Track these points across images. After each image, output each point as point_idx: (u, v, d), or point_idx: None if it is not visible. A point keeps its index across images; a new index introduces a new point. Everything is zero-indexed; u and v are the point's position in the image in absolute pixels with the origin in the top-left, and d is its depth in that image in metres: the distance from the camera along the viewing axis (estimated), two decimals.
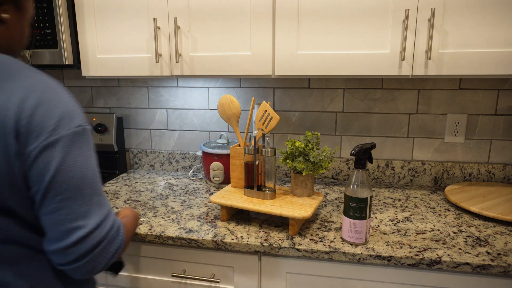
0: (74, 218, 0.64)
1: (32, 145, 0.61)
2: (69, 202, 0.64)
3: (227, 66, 1.25)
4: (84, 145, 0.66)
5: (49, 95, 0.64)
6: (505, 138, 1.43)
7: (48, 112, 0.62)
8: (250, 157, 1.15)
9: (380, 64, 1.14)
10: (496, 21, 1.06)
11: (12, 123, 0.60)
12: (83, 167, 0.65)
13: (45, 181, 0.62)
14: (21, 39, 0.73)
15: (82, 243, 0.64)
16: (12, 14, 0.70)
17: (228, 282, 1.10)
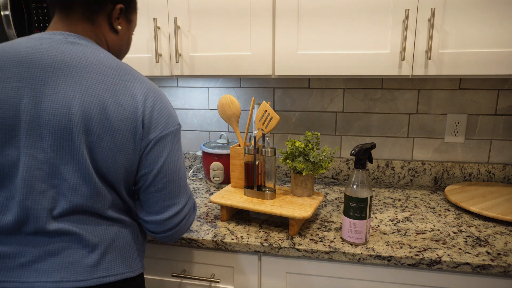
0: (171, 197, 0.82)
1: (152, 135, 0.77)
2: (170, 184, 0.81)
3: (227, 66, 1.25)
4: (180, 140, 0.84)
5: (160, 96, 0.80)
6: (505, 138, 1.43)
7: (161, 110, 0.79)
8: (250, 157, 1.15)
9: (380, 64, 1.14)
10: (496, 21, 1.06)
11: (140, 113, 0.75)
12: (180, 157, 0.83)
13: (158, 165, 0.79)
14: (127, 45, 0.91)
15: (175, 217, 0.83)
16: (124, 25, 0.86)
17: (228, 282, 1.10)
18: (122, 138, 0.74)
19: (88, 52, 0.75)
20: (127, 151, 0.75)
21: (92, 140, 0.72)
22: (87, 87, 0.71)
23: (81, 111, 0.70)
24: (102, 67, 0.74)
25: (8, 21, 1.25)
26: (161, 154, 0.78)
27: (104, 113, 0.72)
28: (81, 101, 0.71)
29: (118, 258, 0.79)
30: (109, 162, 0.74)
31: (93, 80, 0.72)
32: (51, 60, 0.72)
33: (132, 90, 0.75)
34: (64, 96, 0.70)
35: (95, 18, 0.79)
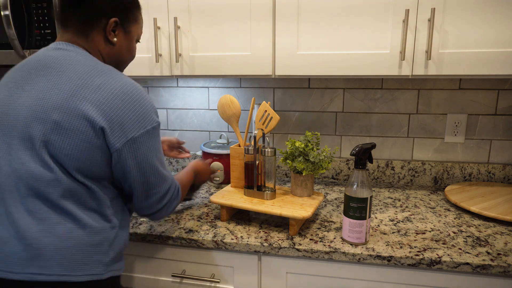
0: (151, 188, 0.87)
1: (116, 142, 0.79)
2: (148, 180, 0.86)
3: (227, 66, 1.25)
4: (153, 138, 0.84)
5: (132, 96, 0.82)
6: (505, 138, 1.43)
7: (129, 112, 0.80)
8: (250, 157, 1.15)
9: (380, 64, 1.14)
10: (496, 21, 1.06)
11: (100, 116, 0.78)
12: (157, 152, 0.86)
13: (130, 172, 0.83)
14: (129, 54, 0.94)
15: (158, 202, 0.90)
16: (121, 37, 0.90)
17: (228, 282, 1.10)
18: (81, 139, 0.76)
19: (69, 55, 0.82)
20: (91, 146, 0.77)
21: (51, 134, 0.75)
22: (55, 84, 0.77)
23: (47, 105, 0.76)
24: (76, 66, 0.79)
25: (8, 21, 1.25)
26: (129, 163, 0.81)
27: (65, 109, 0.75)
28: (48, 96, 0.76)
29: (58, 258, 0.75)
30: (69, 153, 0.76)
31: (63, 77, 0.78)
32: (35, 63, 0.81)
33: (97, 88, 0.78)
34: (36, 92, 0.78)
35: (89, 33, 0.85)
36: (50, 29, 1.29)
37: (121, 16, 0.88)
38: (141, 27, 0.97)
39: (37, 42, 1.31)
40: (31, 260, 0.74)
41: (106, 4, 0.85)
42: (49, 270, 0.74)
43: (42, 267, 0.74)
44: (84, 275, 0.77)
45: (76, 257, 0.76)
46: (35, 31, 1.31)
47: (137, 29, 0.94)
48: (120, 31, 0.89)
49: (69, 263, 0.76)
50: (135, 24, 0.93)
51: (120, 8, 0.87)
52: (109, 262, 0.82)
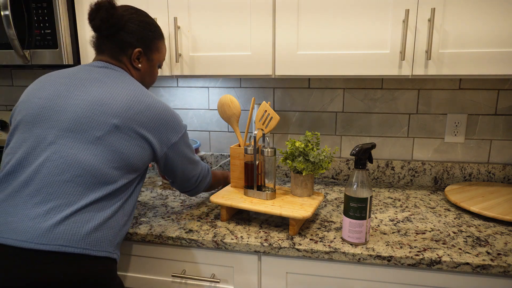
0: (191, 171, 1.11)
1: (160, 152, 1.01)
2: (190, 165, 1.10)
3: (227, 66, 1.25)
4: (183, 141, 1.05)
5: (159, 110, 1.02)
6: (505, 138, 1.43)
7: (160, 124, 1.00)
8: (250, 157, 1.15)
9: (380, 64, 1.14)
10: (496, 21, 1.06)
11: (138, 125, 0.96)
12: (184, 156, 1.08)
13: (172, 172, 1.09)
14: (150, 78, 1.11)
15: (196, 181, 1.15)
16: (144, 64, 1.06)
17: (228, 282, 1.10)
18: (135, 143, 0.94)
19: (117, 74, 0.98)
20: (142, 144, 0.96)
21: (109, 134, 0.91)
22: (113, 95, 0.92)
23: (107, 111, 0.91)
24: (127, 84, 0.96)
25: (8, 21, 1.25)
26: (175, 161, 1.05)
27: (124, 117, 0.91)
28: (107, 103, 0.91)
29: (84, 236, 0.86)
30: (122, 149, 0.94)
31: (120, 90, 0.94)
32: (86, 75, 0.96)
33: (147, 106, 0.95)
34: (93, 98, 0.92)
35: (120, 58, 1.02)
36: (50, 29, 1.29)
37: (144, 46, 1.04)
38: (164, 55, 1.12)
39: (37, 42, 1.31)
40: (61, 234, 0.83)
41: (132, 37, 1.01)
42: (76, 244, 0.84)
43: (69, 240, 0.83)
44: (103, 251, 0.87)
45: (96, 235, 0.87)
46: (35, 31, 1.31)
47: (159, 58, 1.09)
48: (144, 59, 1.05)
49: (92, 240, 0.86)
50: (157, 53, 1.08)
51: (144, 40, 1.03)
52: (117, 245, 0.92)
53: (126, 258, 1.15)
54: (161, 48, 1.09)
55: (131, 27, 1.00)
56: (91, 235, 0.86)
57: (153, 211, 1.25)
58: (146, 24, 1.03)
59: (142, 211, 1.25)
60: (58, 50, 1.31)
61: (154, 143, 0.96)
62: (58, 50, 1.31)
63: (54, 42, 1.30)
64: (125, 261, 1.16)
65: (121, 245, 1.14)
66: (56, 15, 1.28)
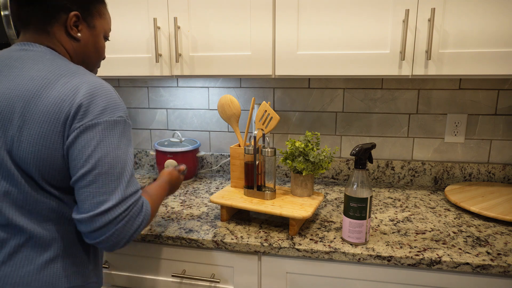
0: (103, 192, 0.72)
1: (78, 124, 0.72)
2: (101, 177, 0.72)
3: (227, 66, 1.25)
4: (122, 133, 0.77)
5: (100, 89, 0.76)
6: (505, 138, 1.43)
7: (96, 101, 0.74)
8: (250, 157, 1.15)
9: (380, 64, 1.14)
10: (496, 21, 1.06)
11: (68, 104, 0.72)
12: (118, 149, 0.75)
13: (85, 155, 0.72)
14: (96, 51, 0.89)
15: (106, 214, 0.71)
16: (85, 32, 0.85)
17: (228, 282, 1.10)
18: (43, 130, 0.72)
19: (35, 54, 0.79)
20: (50, 144, 0.73)
21: (12, 132, 0.73)
22: (18, 82, 0.74)
23: (6, 104, 0.73)
24: (41, 65, 0.76)
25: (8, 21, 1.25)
26: (88, 144, 0.72)
27: (27, 105, 0.72)
28: (10, 95, 0.74)
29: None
30: (28, 155, 0.73)
31: (27, 75, 0.75)
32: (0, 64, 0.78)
33: (65, 84, 0.74)
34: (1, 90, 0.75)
35: (49, 29, 0.81)
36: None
37: (82, 10, 0.83)
38: (108, 23, 0.92)
39: None
40: (5, 277, 0.73)
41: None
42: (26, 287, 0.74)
43: (17, 284, 0.73)
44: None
45: (52, 271, 0.77)
46: None
47: (103, 25, 0.89)
48: (84, 26, 0.85)
49: (47, 278, 0.76)
50: (100, 19, 0.88)
51: (80, 2, 0.83)
52: (88, 274, 0.82)
53: (126, 258, 1.15)
54: (104, 13, 0.90)
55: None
56: (45, 271, 0.75)
57: None
58: None
59: None
60: None
61: (69, 118, 0.72)
62: None
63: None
64: (125, 261, 1.16)
65: None
66: None
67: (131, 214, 0.74)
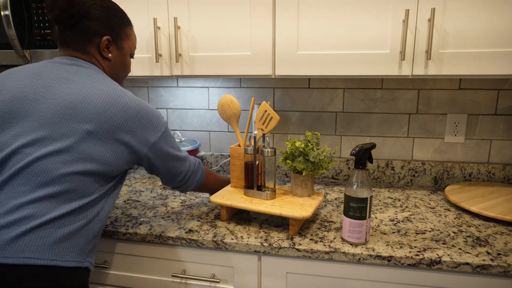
0: (177, 168, 1.05)
1: (142, 150, 0.95)
2: (175, 163, 1.03)
3: (227, 66, 1.25)
4: (164, 135, 0.98)
5: (138, 108, 0.95)
6: (505, 138, 1.43)
7: (138, 122, 0.93)
8: (250, 157, 1.15)
9: (380, 64, 1.14)
10: (496, 21, 1.06)
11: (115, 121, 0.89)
12: (167, 151, 1.00)
13: (153, 170, 1.03)
14: (124, 68, 1.04)
15: (185, 177, 1.08)
16: (115, 53, 0.99)
17: (228, 282, 1.10)
18: (111, 149, 0.88)
19: (86, 71, 0.92)
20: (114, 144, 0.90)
21: (81, 141, 0.85)
22: (84, 97, 0.86)
23: (78, 115, 0.85)
24: (99, 84, 0.90)
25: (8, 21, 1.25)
26: (156, 161, 0.98)
27: (97, 122, 0.86)
28: (77, 107, 0.85)
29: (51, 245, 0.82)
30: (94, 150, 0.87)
31: (92, 91, 0.88)
32: (56, 75, 0.89)
33: (123, 107, 0.89)
34: (62, 101, 0.86)
35: (87, 49, 0.95)
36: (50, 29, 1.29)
37: (112, 34, 0.97)
38: (134, 43, 1.05)
39: (37, 42, 1.31)
40: (25, 246, 0.78)
41: (98, 24, 0.94)
42: (42, 255, 0.79)
43: (35, 251, 0.79)
44: (72, 261, 0.83)
45: (65, 245, 0.83)
46: (35, 31, 1.31)
47: (129, 45, 1.03)
48: (114, 48, 0.99)
49: (59, 251, 0.82)
50: (127, 40, 1.02)
51: (111, 27, 0.96)
52: (89, 253, 0.88)
53: (126, 258, 1.15)
54: (131, 35, 1.03)
55: (94, 13, 0.93)
56: (58, 245, 0.81)
57: (153, 211, 1.25)
58: (111, 10, 0.97)
59: (142, 211, 1.25)
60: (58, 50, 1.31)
61: (132, 145, 0.90)
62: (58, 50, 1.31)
63: (54, 42, 1.30)
64: (125, 261, 1.16)
65: (116, 246, 1.14)
66: None
67: (194, 171, 1.10)
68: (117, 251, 1.15)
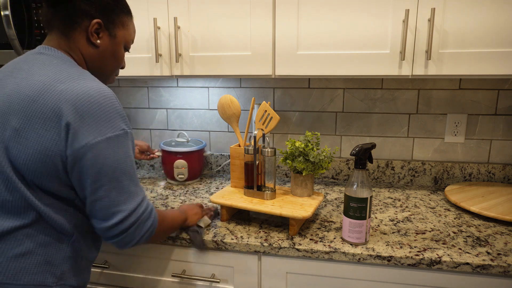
0: (116, 204, 0.77)
1: (76, 144, 0.74)
2: (112, 191, 0.77)
3: (227, 66, 1.25)
4: (121, 144, 0.77)
5: (96, 100, 0.76)
6: (505, 138, 1.43)
7: (92, 116, 0.75)
8: (250, 157, 1.15)
9: (380, 64, 1.14)
10: (496, 21, 1.06)
11: (64, 119, 0.74)
12: (119, 162, 0.77)
13: (91, 176, 0.75)
14: (115, 60, 0.90)
15: (122, 222, 0.78)
16: (106, 40, 0.86)
17: (228, 282, 1.10)
18: (38, 136, 0.73)
19: (45, 58, 0.80)
20: (45, 151, 0.74)
21: (9, 134, 0.74)
22: (19, 88, 0.75)
23: (7, 110, 0.75)
24: (46, 70, 0.77)
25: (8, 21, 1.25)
26: (92, 165, 0.74)
27: (26, 109, 0.73)
28: (10, 100, 0.75)
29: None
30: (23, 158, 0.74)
31: (29, 81, 0.76)
32: (14, 66, 0.81)
33: (59, 93, 0.74)
34: (2, 95, 0.77)
35: (71, 34, 0.83)
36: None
37: (105, 18, 0.85)
38: (130, 34, 0.93)
39: (37, 42, 1.31)
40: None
41: (89, 3, 0.82)
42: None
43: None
44: (30, 285, 0.76)
45: (21, 265, 0.76)
46: (35, 31, 1.31)
47: (124, 35, 0.90)
48: (105, 34, 0.86)
49: (14, 271, 0.75)
50: (122, 29, 0.89)
51: (105, 10, 0.84)
52: (61, 275, 0.80)
53: (126, 258, 1.15)
54: (128, 24, 0.91)
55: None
56: (13, 264, 0.74)
57: None
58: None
59: None
60: None
61: (59, 138, 0.73)
62: None
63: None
64: (125, 261, 1.16)
65: None
66: None
67: (141, 219, 0.81)
68: (117, 251, 1.15)
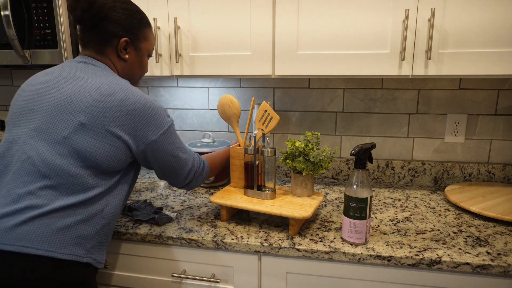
0: (181, 167, 1.03)
1: (139, 147, 0.95)
2: (174, 164, 1.01)
3: (227, 66, 1.25)
4: (169, 134, 0.98)
5: (142, 107, 0.96)
6: (505, 138, 1.43)
7: (142, 120, 0.94)
8: (250, 157, 1.15)
9: (380, 64, 1.14)
10: (496, 20, 1.06)
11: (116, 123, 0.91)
12: (170, 148, 0.99)
13: (152, 166, 1.01)
14: (141, 68, 1.06)
15: (185, 179, 1.05)
16: (132, 54, 1.01)
17: (228, 282, 1.10)
18: (106, 142, 0.89)
19: (94, 68, 0.95)
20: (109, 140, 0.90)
21: (75, 133, 0.87)
22: (81, 90, 0.89)
23: (73, 108, 0.88)
24: (101, 78, 0.92)
25: (8, 21, 1.25)
26: (153, 160, 0.97)
27: (91, 114, 0.87)
28: (74, 100, 0.88)
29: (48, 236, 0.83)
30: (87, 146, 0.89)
31: (89, 85, 0.90)
32: (65, 72, 0.94)
33: (120, 100, 0.90)
34: (63, 95, 0.90)
35: (104, 50, 0.98)
36: (50, 29, 1.29)
37: (130, 36, 0.99)
38: (152, 44, 1.06)
39: (37, 42, 1.31)
40: (23, 234, 0.81)
41: (117, 26, 0.96)
42: (38, 245, 0.81)
43: (31, 241, 0.81)
44: (68, 254, 0.84)
45: (62, 237, 0.84)
46: (35, 31, 1.31)
47: (147, 46, 1.04)
48: (131, 49, 1.01)
49: (56, 242, 0.83)
50: (145, 42, 1.03)
51: (130, 29, 0.98)
52: (90, 249, 0.89)
53: (126, 258, 1.15)
54: (149, 36, 1.05)
55: (114, 16, 0.95)
56: (56, 236, 0.82)
57: None
58: (131, 12, 0.98)
59: None
60: (58, 50, 1.31)
61: (127, 140, 0.90)
62: (58, 50, 1.31)
63: (54, 42, 1.30)
64: (125, 261, 1.16)
65: (116, 246, 1.14)
66: (56, 15, 1.28)
67: (198, 172, 1.08)
68: (117, 251, 1.15)
